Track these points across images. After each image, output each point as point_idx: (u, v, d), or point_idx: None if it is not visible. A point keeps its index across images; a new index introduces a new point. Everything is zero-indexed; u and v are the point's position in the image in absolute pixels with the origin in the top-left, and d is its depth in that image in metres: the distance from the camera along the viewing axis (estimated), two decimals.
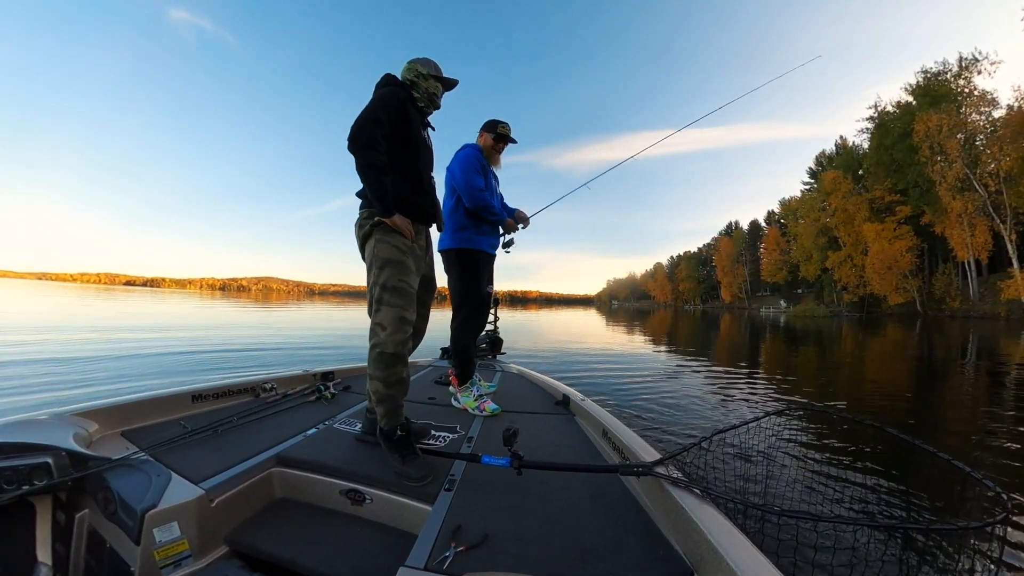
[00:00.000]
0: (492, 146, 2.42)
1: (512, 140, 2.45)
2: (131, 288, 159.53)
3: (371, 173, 1.43)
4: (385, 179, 1.46)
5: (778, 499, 2.10)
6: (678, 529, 1.06)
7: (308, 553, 1.17)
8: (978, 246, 30.28)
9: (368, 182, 1.44)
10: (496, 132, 2.40)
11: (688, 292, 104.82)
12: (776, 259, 59.53)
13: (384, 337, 1.45)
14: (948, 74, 32.51)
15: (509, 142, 2.46)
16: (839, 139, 51.85)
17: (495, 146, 2.43)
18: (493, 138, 2.41)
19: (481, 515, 1.16)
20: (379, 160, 1.44)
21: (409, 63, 1.71)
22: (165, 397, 1.84)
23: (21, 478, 1.15)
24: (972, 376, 6.57)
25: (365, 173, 1.43)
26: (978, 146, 30.25)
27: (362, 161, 1.42)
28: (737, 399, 4.82)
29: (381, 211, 1.47)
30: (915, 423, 4.01)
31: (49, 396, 3.97)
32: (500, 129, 2.40)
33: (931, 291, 35.96)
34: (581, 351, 9.29)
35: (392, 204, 1.48)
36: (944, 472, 1.00)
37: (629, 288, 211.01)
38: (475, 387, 2.33)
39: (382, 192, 1.45)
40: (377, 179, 1.43)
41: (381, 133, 1.46)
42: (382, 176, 1.45)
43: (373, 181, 1.43)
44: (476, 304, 2.35)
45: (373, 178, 1.43)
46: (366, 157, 1.42)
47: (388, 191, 1.47)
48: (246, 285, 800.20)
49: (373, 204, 1.48)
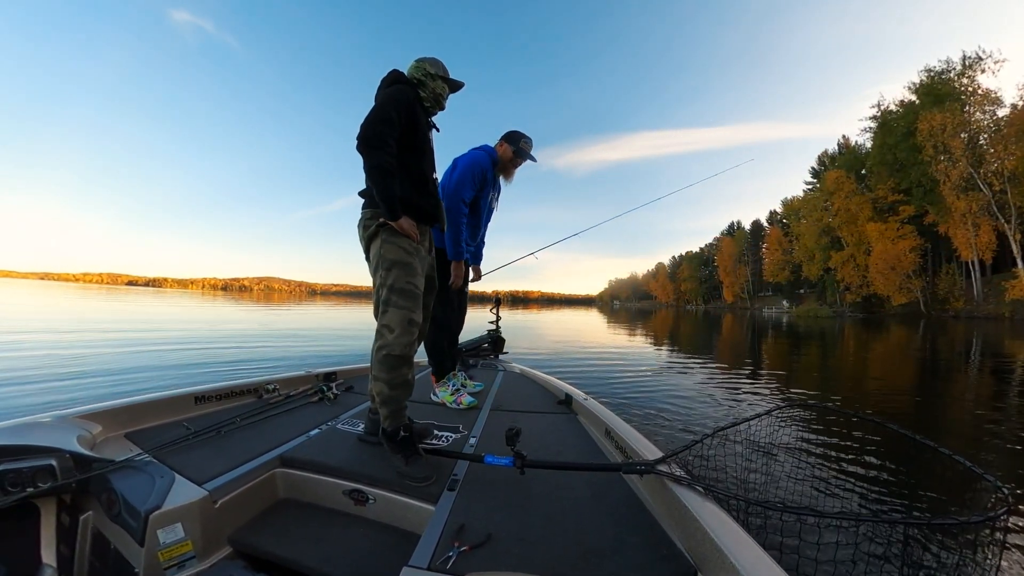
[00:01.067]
0: (510, 159, 2.36)
1: (532, 159, 2.40)
2: (133, 288, 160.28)
3: (379, 175, 1.40)
4: (393, 182, 1.42)
5: (781, 496, 2.10)
6: (681, 527, 1.06)
7: (311, 553, 1.17)
8: (982, 246, 30.17)
9: (376, 184, 1.42)
10: (518, 146, 2.33)
11: (690, 292, 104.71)
12: (778, 259, 59.40)
13: (392, 339, 1.44)
14: (952, 73, 32.41)
15: (528, 159, 2.39)
16: (842, 138, 51.78)
17: (513, 160, 2.36)
18: (513, 151, 2.34)
19: (484, 515, 1.16)
20: (388, 162, 1.41)
21: (417, 61, 1.67)
22: (168, 399, 1.85)
23: (25, 480, 1.15)
24: (977, 376, 6.54)
25: (373, 175, 1.41)
26: (982, 145, 30.11)
27: (371, 162, 1.40)
28: (740, 398, 4.81)
29: (388, 214, 1.45)
30: (920, 421, 3.99)
31: (52, 398, 3.99)
32: (522, 144, 2.33)
33: (934, 291, 35.83)
34: (583, 351, 9.28)
35: (399, 207, 1.46)
36: (945, 467, 1.01)
37: (631, 288, 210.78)
38: (452, 382, 2.34)
39: (390, 195, 1.42)
40: (385, 181, 1.41)
41: (391, 133, 1.43)
42: (390, 178, 1.41)
43: (381, 183, 1.41)
44: (438, 301, 2.36)
45: (381, 180, 1.40)
46: (375, 158, 1.39)
47: (395, 194, 1.44)
48: (248, 285, 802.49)
49: (379, 206, 1.46)
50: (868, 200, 38.88)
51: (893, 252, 34.87)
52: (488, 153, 2.34)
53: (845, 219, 40.17)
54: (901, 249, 34.66)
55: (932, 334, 15.24)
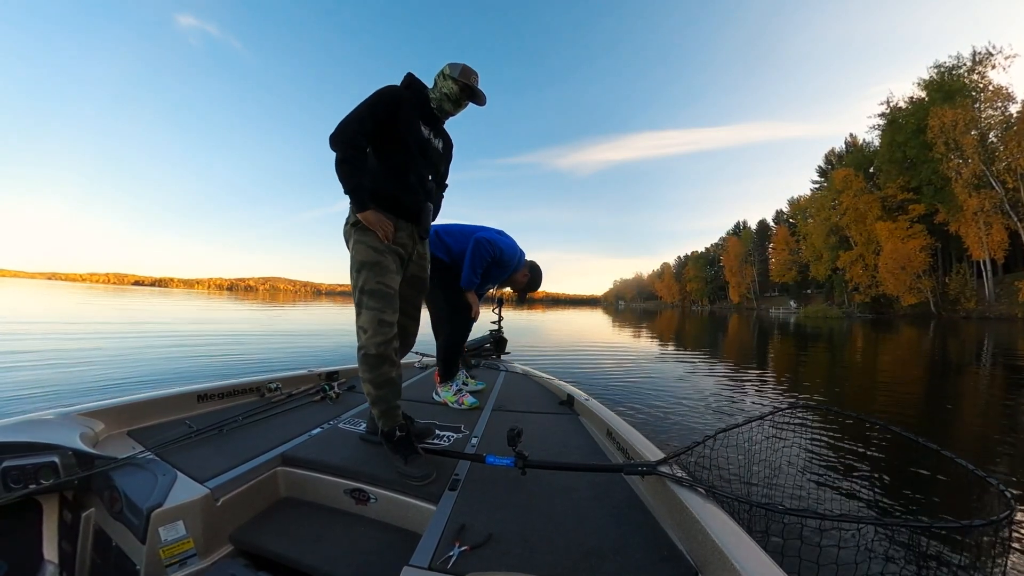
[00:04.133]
0: (522, 284, 2.67)
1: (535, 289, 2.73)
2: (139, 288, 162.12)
3: (345, 168, 1.43)
4: (360, 175, 1.46)
5: (783, 497, 2.08)
6: (682, 529, 1.05)
7: (312, 552, 1.17)
8: (994, 245, 29.63)
9: (342, 177, 1.44)
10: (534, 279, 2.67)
11: (695, 292, 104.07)
12: (785, 259, 58.82)
13: (365, 340, 1.46)
14: (962, 69, 31.90)
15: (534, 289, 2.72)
16: (849, 137, 51.16)
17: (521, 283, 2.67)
18: (527, 283, 2.67)
19: (485, 515, 1.15)
20: (354, 156, 1.44)
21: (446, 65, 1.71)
22: (171, 397, 1.86)
23: (28, 477, 1.16)
24: (989, 379, 6.42)
25: (340, 168, 1.43)
26: (994, 142, 29.62)
27: (339, 156, 1.43)
28: (744, 399, 4.77)
29: (355, 205, 1.47)
30: (930, 425, 3.94)
31: (55, 395, 4.03)
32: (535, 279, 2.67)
33: (945, 291, 35.21)
34: (586, 351, 9.25)
35: (366, 198, 1.47)
36: (950, 470, 1.00)
37: (636, 288, 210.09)
38: (455, 383, 2.37)
39: (353, 186, 1.44)
40: (350, 174, 1.44)
41: (360, 130, 1.45)
42: (356, 172, 1.45)
43: (347, 176, 1.43)
44: (464, 312, 2.49)
45: (348, 173, 1.43)
46: (342, 152, 1.43)
47: (363, 186, 1.46)
48: (253, 285, 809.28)
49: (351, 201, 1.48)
50: (877, 199, 38.36)
51: (904, 251, 34.30)
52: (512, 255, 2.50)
53: (853, 218, 39.64)
54: (911, 248, 34.10)
55: (943, 335, 15.01)
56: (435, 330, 2.52)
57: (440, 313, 2.47)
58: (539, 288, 2.77)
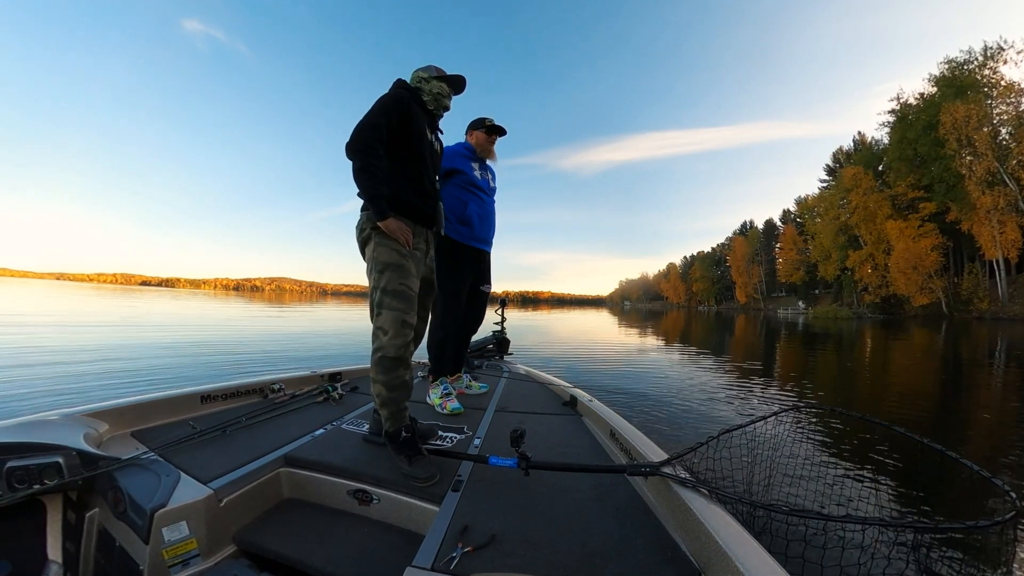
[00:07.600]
0: (486, 139, 2.50)
1: (502, 130, 2.53)
2: (146, 288, 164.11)
3: (365, 176, 1.43)
4: (380, 183, 1.45)
5: (786, 499, 2.07)
6: (685, 530, 1.04)
7: (315, 553, 1.18)
8: (1007, 244, 29.05)
9: (362, 185, 1.44)
10: (485, 127, 2.50)
11: (702, 293, 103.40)
12: (793, 259, 58.25)
13: (386, 341, 1.45)
14: (973, 64, 31.37)
15: (500, 133, 2.53)
16: (857, 135, 50.54)
17: (488, 138, 2.51)
18: (484, 132, 2.49)
19: (488, 516, 1.15)
20: (374, 164, 1.44)
21: (413, 72, 1.76)
22: (174, 398, 1.87)
23: (32, 477, 1.17)
24: (1002, 382, 6.30)
25: (359, 177, 1.43)
26: (1005, 138, 29.07)
27: (357, 164, 1.43)
28: (748, 400, 4.72)
29: (375, 214, 1.47)
30: (940, 427, 3.87)
31: (59, 395, 4.08)
32: (488, 123, 2.50)
33: (957, 292, 34.60)
34: (590, 352, 9.21)
35: (386, 207, 1.47)
36: (956, 472, 0.99)
37: (641, 288, 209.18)
38: (443, 384, 2.30)
39: (375, 195, 1.44)
40: (371, 183, 1.43)
41: (379, 137, 1.46)
42: (376, 180, 1.44)
43: (368, 185, 1.44)
44: (444, 296, 2.33)
45: (368, 182, 1.43)
46: (361, 160, 1.42)
47: (382, 195, 1.46)
48: (260, 285, 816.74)
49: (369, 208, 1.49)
50: (887, 197, 37.83)
51: (915, 251, 33.74)
52: (459, 144, 2.50)
53: (863, 217, 39.12)
54: (923, 248, 33.52)
55: (955, 337, 14.74)
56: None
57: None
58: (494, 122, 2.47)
